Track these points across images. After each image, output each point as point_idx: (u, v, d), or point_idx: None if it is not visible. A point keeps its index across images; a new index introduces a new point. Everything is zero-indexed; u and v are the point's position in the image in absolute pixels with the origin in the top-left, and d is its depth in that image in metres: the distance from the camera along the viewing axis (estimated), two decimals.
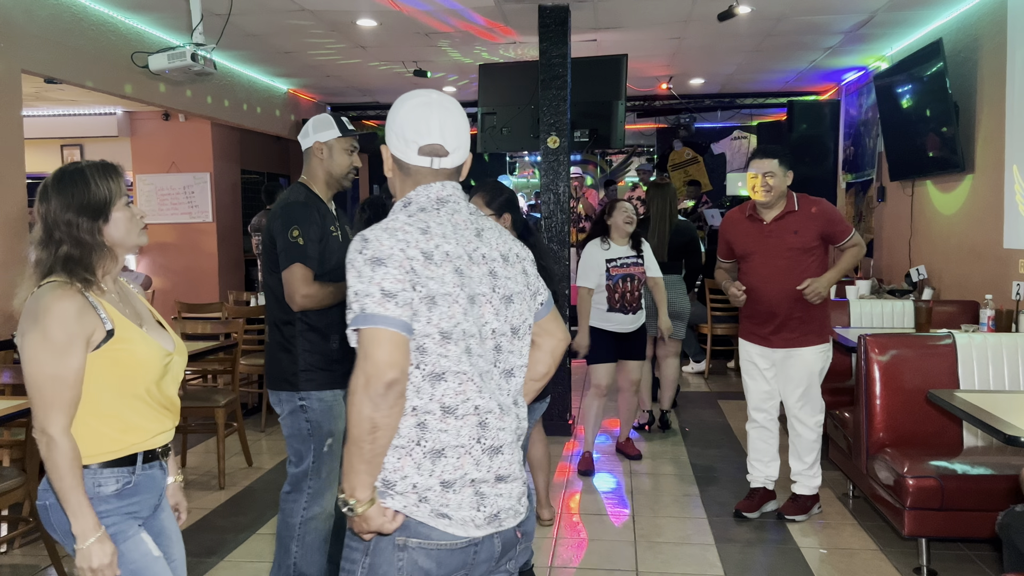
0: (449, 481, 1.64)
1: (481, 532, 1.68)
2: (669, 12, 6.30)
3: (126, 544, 1.99)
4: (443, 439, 1.64)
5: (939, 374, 3.95)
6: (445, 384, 1.64)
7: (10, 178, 5.17)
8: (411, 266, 1.61)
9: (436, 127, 1.72)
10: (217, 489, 4.82)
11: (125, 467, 2.01)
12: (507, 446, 1.72)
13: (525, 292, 1.80)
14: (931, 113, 6.11)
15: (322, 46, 7.25)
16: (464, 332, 1.65)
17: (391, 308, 1.57)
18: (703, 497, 4.58)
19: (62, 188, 1.98)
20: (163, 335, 2.14)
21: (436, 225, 1.68)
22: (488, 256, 1.73)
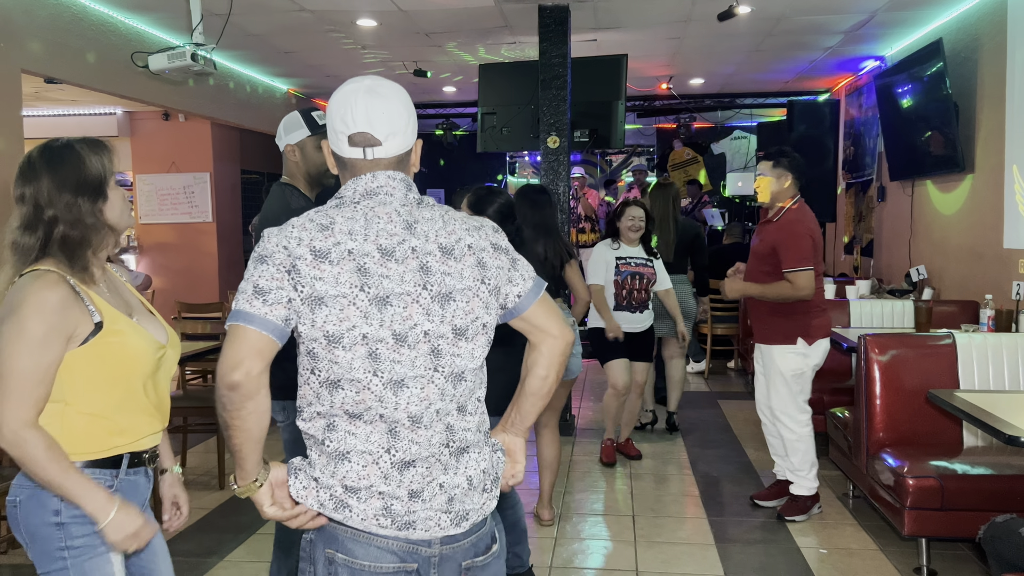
0: (353, 488, 1.55)
1: (385, 532, 1.55)
2: (669, 12, 6.30)
3: (91, 561, 1.84)
4: (350, 442, 1.55)
5: (939, 374, 3.95)
6: (343, 392, 1.54)
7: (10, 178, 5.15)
8: (294, 265, 1.51)
9: (362, 114, 1.57)
10: (217, 489, 4.81)
11: (109, 469, 1.88)
12: (422, 461, 1.56)
13: (476, 287, 1.60)
14: (931, 113, 6.11)
15: (322, 46, 7.25)
16: (364, 336, 1.52)
17: (258, 306, 1.49)
18: (703, 497, 4.58)
19: (54, 165, 1.84)
20: (156, 325, 2.03)
21: (343, 220, 1.55)
22: (420, 249, 1.56)
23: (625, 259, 4.92)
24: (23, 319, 1.74)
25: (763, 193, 4.09)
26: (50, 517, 1.83)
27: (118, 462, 1.89)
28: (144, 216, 9.29)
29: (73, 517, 1.83)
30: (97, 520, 1.79)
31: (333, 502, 1.55)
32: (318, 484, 1.57)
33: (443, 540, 1.59)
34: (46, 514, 1.83)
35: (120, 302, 1.95)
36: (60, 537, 1.84)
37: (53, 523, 1.83)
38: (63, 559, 1.84)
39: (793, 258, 3.92)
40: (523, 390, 1.75)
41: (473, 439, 1.64)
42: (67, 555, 1.84)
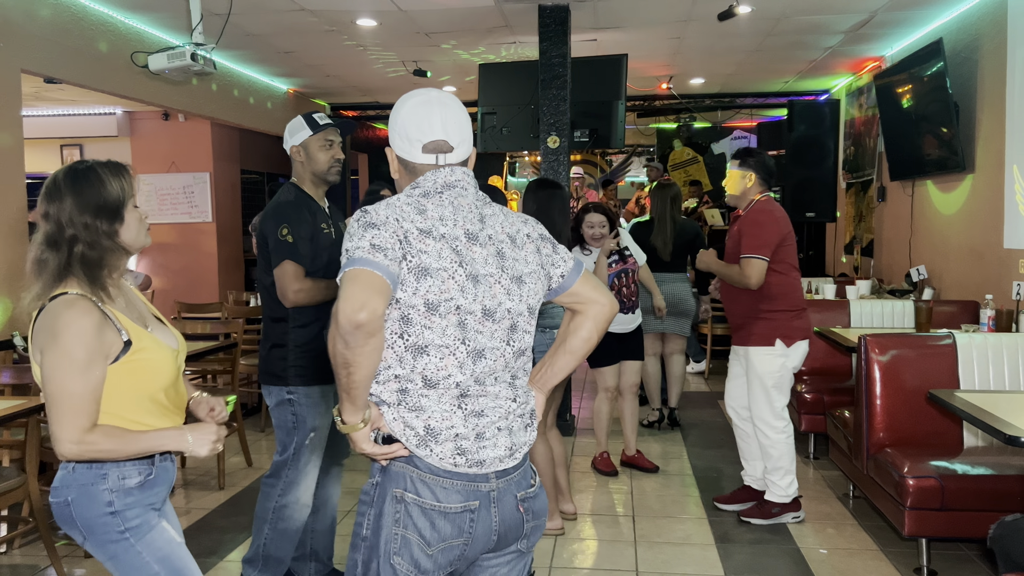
0: (434, 429, 1.69)
1: (459, 469, 1.70)
2: (669, 12, 6.30)
3: (152, 533, 2.04)
4: (423, 403, 1.69)
5: (939, 374, 3.95)
6: (427, 358, 1.67)
7: (10, 178, 5.17)
8: (405, 235, 1.64)
9: (439, 123, 1.75)
10: (217, 489, 4.81)
11: (145, 460, 2.05)
12: (490, 410, 1.74)
13: (538, 271, 1.82)
14: (931, 113, 6.11)
15: (322, 46, 7.25)
16: (458, 308, 1.67)
17: (380, 257, 1.60)
18: (703, 497, 4.58)
19: (77, 187, 1.96)
20: (166, 332, 2.17)
21: (434, 207, 1.71)
22: (495, 237, 1.75)
23: (614, 258, 4.82)
24: (67, 347, 1.88)
25: (731, 188, 4.17)
26: (104, 509, 1.99)
27: (152, 455, 2.06)
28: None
29: (125, 504, 2.01)
30: (183, 450, 2.02)
31: (416, 439, 1.69)
32: (404, 424, 1.70)
33: (498, 474, 1.76)
34: (100, 507, 1.99)
35: (136, 315, 2.09)
36: (118, 523, 2.00)
37: (108, 513, 2.00)
38: (127, 539, 2.01)
39: (749, 244, 3.93)
40: (563, 348, 1.91)
41: (525, 392, 1.84)
42: (129, 535, 2.01)
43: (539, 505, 1.84)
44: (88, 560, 3.80)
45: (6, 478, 3.52)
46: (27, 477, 3.55)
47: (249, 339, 6.27)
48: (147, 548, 2.03)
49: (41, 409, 3.44)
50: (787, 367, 4.03)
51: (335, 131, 3.15)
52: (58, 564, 3.53)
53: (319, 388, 3.12)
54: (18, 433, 3.88)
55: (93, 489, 1.98)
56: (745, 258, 3.93)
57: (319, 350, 3.08)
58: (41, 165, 9.43)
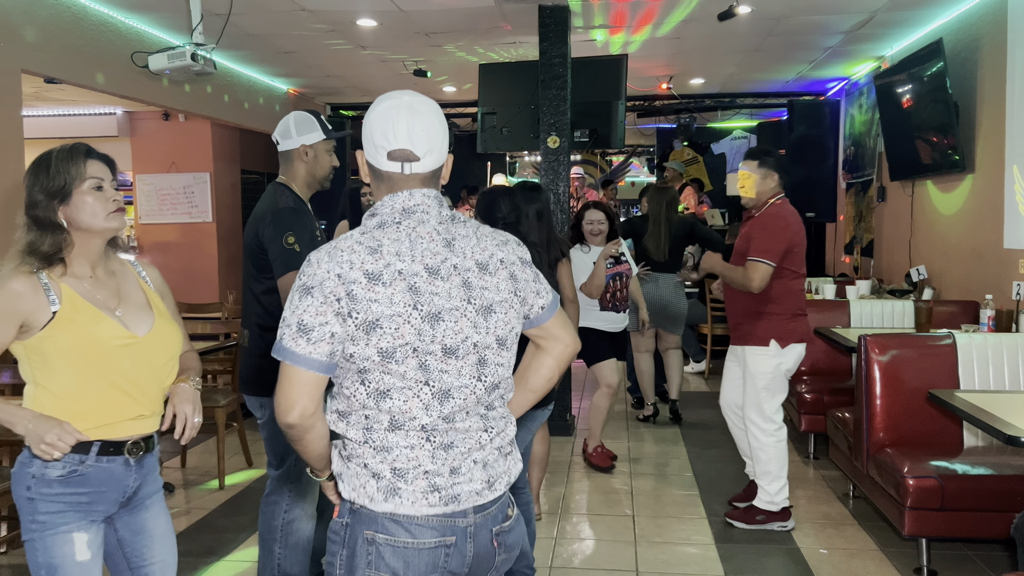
0: (401, 470, 1.63)
1: (434, 511, 1.63)
2: (669, 12, 6.29)
3: (54, 538, 1.99)
4: (391, 439, 1.63)
5: (939, 374, 3.95)
6: (391, 401, 1.61)
7: (10, 178, 5.16)
8: (347, 291, 1.56)
9: (404, 131, 1.65)
10: (217, 489, 4.81)
11: (76, 454, 2.00)
12: (460, 442, 1.67)
13: (511, 299, 1.71)
14: (931, 113, 6.11)
15: (322, 46, 7.26)
16: (416, 350, 1.60)
17: (303, 345, 1.57)
18: (703, 497, 4.58)
19: (30, 172, 2.06)
20: (140, 320, 2.12)
21: (390, 242, 1.62)
22: (460, 267, 1.65)
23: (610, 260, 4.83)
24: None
25: (748, 190, 4.08)
26: (24, 491, 2.01)
27: (87, 448, 2.01)
28: (144, 216, 9.29)
29: (40, 494, 1.99)
30: (17, 432, 1.95)
31: (382, 493, 1.63)
32: (368, 470, 1.64)
33: (476, 509, 1.69)
34: (22, 488, 2.01)
35: (106, 294, 2.08)
36: (30, 510, 2.01)
37: (26, 497, 2.01)
38: (31, 531, 2.01)
39: (758, 248, 3.90)
40: (524, 385, 1.87)
41: (502, 420, 1.77)
42: (35, 528, 2.01)
43: (513, 538, 1.78)
44: None
45: (6, 478, 3.52)
46: None
47: None
48: (43, 549, 2.00)
49: None
50: (780, 369, 4.01)
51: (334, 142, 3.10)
52: None
53: None
54: None
55: (23, 469, 2.02)
56: (752, 261, 3.90)
57: None
58: None
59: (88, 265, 2.08)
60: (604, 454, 5.11)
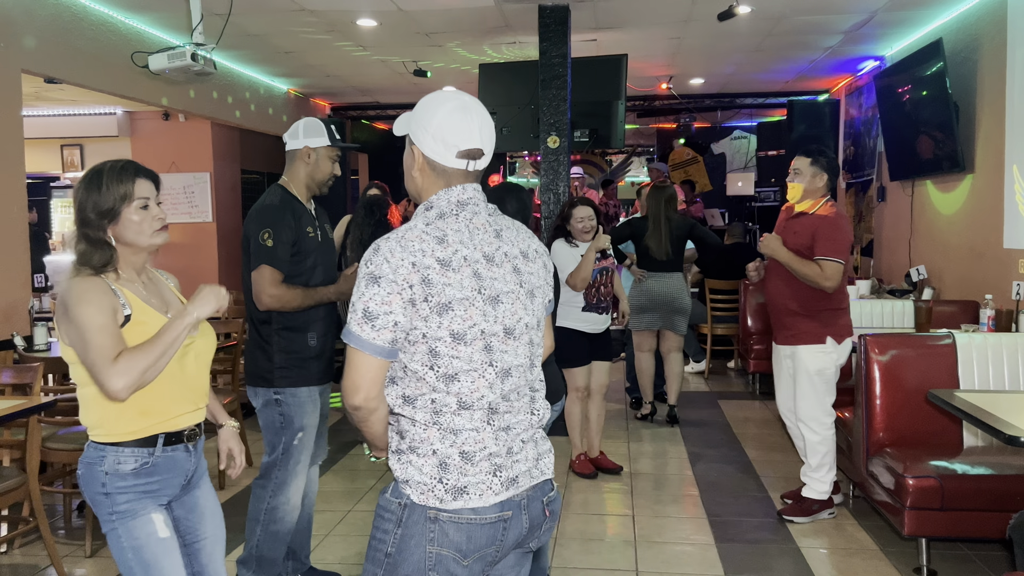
0: (468, 453, 1.71)
1: (499, 497, 1.73)
2: (669, 12, 6.30)
3: (134, 522, 2.14)
4: (458, 422, 1.72)
5: (939, 374, 3.95)
6: (459, 384, 1.71)
7: (10, 178, 5.17)
8: (422, 277, 1.66)
9: (477, 131, 1.77)
10: (217, 489, 4.81)
11: (145, 447, 2.16)
12: (515, 424, 1.79)
13: (545, 286, 1.88)
14: (931, 113, 6.11)
15: (322, 46, 7.26)
16: (483, 332, 1.71)
17: (367, 331, 1.66)
18: (703, 497, 4.58)
19: (82, 188, 2.16)
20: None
21: (453, 232, 1.73)
22: (510, 254, 1.80)
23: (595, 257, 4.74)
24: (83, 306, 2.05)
25: (796, 189, 4.06)
26: (99, 488, 2.14)
27: (154, 441, 2.17)
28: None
29: (117, 488, 2.13)
30: (191, 322, 2.13)
31: (451, 493, 1.70)
32: (436, 455, 1.71)
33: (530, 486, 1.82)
34: (96, 485, 2.14)
35: (158, 301, 2.25)
36: (108, 504, 2.14)
37: (102, 493, 2.14)
38: (112, 522, 2.15)
39: (830, 248, 3.93)
40: None
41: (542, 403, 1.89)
42: (115, 519, 2.14)
43: (558, 505, 1.92)
44: (88, 560, 3.80)
45: (6, 478, 3.52)
46: (27, 477, 3.55)
47: None
48: (127, 534, 2.13)
49: (41, 409, 3.44)
50: (837, 364, 4.07)
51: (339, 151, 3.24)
52: (58, 564, 3.53)
53: (306, 389, 3.14)
54: (18, 433, 3.88)
55: (94, 468, 2.14)
56: (828, 260, 3.91)
57: (304, 353, 3.12)
58: (41, 165, 9.44)
59: (134, 272, 2.23)
60: (584, 462, 5.04)
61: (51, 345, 4.97)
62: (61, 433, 4.10)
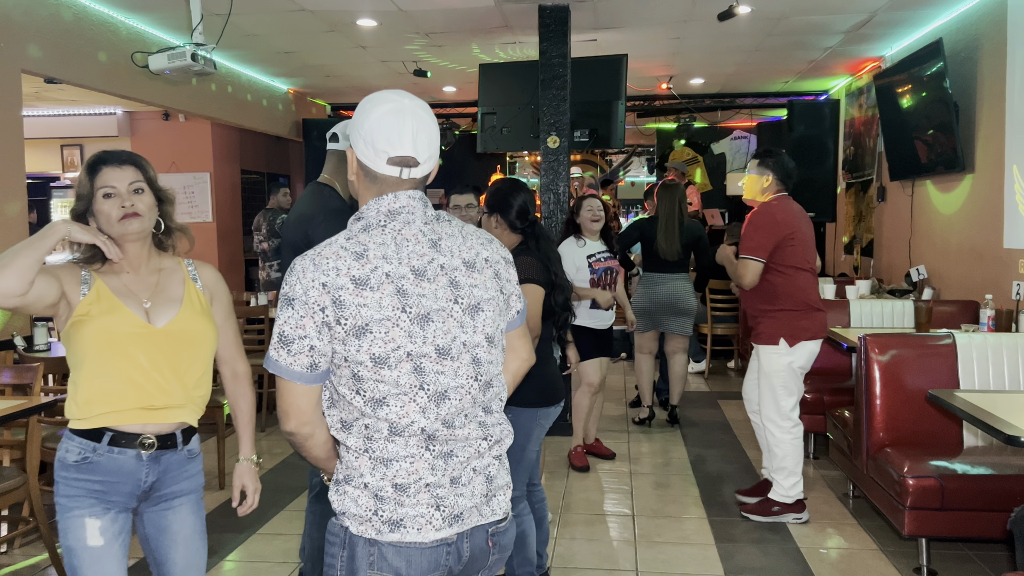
0: (403, 485, 1.62)
1: (441, 533, 1.63)
2: (669, 12, 6.30)
3: (69, 521, 2.07)
4: (391, 450, 1.62)
5: (939, 374, 3.95)
6: (388, 408, 1.61)
7: (10, 178, 5.17)
8: (333, 299, 1.57)
9: (408, 138, 1.64)
10: (217, 489, 4.81)
11: (90, 440, 2.07)
12: (460, 450, 1.67)
13: (497, 298, 1.72)
14: (931, 113, 6.11)
15: (322, 46, 7.26)
16: (410, 353, 1.60)
17: (284, 356, 1.60)
18: (703, 497, 4.58)
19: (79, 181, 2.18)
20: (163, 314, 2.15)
21: (376, 246, 1.61)
22: (448, 266, 1.65)
23: (594, 255, 4.81)
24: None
25: (747, 190, 4.19)
26: (55, 473, 2.12)
27: (99, 436, 2.08)
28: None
29: (62, 477, 2.08)
30: (62, 235, 2.06)
31: (388, 525, 1.62)
32: (368, 490, 1.63)
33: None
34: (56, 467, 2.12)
35: (143, 288, 2.15)
36: (56, 492, 2.10)
37: (55, 479, 2.11)
38: (57, 511, 2.10)
39: (745, 245, 4.02)
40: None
41: (501, 431, 1.76)
42: (57, 508, 2.10)
43: (507, 539, 1.77)
44: None
45: (6, 478, 3.52)
46: (27, 477, 3.55)
47: (249, 339, 6.27)
48: (62, 532, 2.08)
49: (41, 409, 3.44)
50: (793, 367, 4.05)
51: None
52: (58, 564, 3.53)
53: None
54: (18, 433, 3.89)
55: (59, 449, 2.13)
56: (740, 259, 4.03)
57: None
58: (41, 165, 9.44)
59: (128, 263, 2.17)
60: (581, 454, 5.10)
61: (51, 345, 4.97)
62: (61, 433, 4.10)
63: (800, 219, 4.08)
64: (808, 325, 4.04)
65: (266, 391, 6.19)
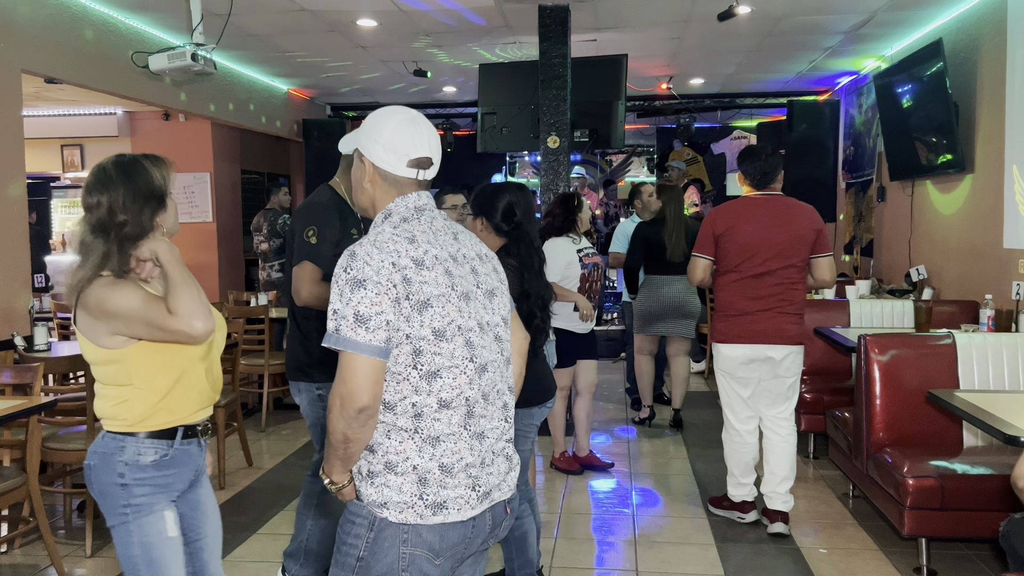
0: (447, 465, 1.73)
1: (476, 511, 1.77)
2: (669, 12, 6.30)
3: (147, 518, 2.15)
4: (437, 428, 1.73)
5: (939, 374, 3.95)
6: (441, 381, 1.73)
7: (10, 178, 5.16)
8: (403, 276, 1.69)
9: (426, 141, 1.84)
10: (217, 489, 4.82)
11: (165, 439, 2.18)
12: (489, 431, 1.82)
13: (501, 286, 1.93)
14: (931, 113, 6.11)
15: (322, 46, 7.26)
16: (460, 327, 1.75)
17: (362, 333, 1.66)
18: (703, 497, 4.58)
19: (128, 177, 2.16)
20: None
21: (420, 233, 1.78)
22: (468, 256, 1.86)
23: (583, 250, 4.70)
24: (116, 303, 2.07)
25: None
26: (116, 479, 2.14)
27: (173, 434, 2.20)
28: None
29: (136, 479, 2.14)
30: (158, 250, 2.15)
31: (431, 508, 1.72)
32: (416, 471, 1.72)
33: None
34: (113, 476, 2.14)
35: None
36: (124, 496, 2.14)
37: (119, 484, 2.14)
38: (125, 515, 2.14)
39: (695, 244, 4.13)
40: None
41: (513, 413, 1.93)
42: (128, 512, 2.14)
43: (516, 503, 1.93)
44: (89, 560, 3.81)
45: (6, 478, 3.52)
46: (28, 477, 3.55)
47: (249, 339, 6.27)
48: (138, 530, 2.13)
49: (41, 409, 3.44)
50: (720, 368, 4.05)
51: None
52: (58, 564, 3.54)
53: None
54: (19, 433, 3.89)
55: (111, 459, 2.14)
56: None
57: None
58: (41, 165, 9.44)
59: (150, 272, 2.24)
60: (567, 459, 5.06)
61: (51, 345, 4.97)
62: (61, 433, 4.10)
63: (743, 219, 3.93)
64: (728, 328, 3.96)
65: (267, 391, 6.19)
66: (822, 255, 3.96)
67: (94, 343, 2.14)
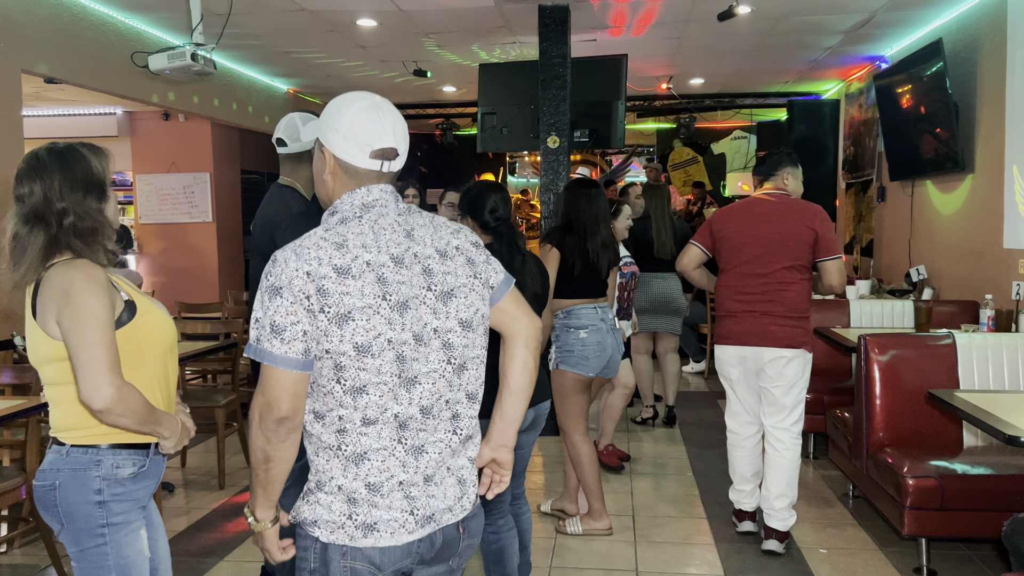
0: (375, 484, 1.64)
1: (414, 536, 1.66)
2: (669, 12, 6.30)
3: (126, 537, 1.99)
4: (364, 443, 1.64)
5: (939, 374, 3.95)
6: (367, 397, 1.62)
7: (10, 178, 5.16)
8: (318, 287, 1.57)
9: (390, 129, 1.69)
10: (217, 489, 4.81)
11: (141, 451, 2.02)
12: (431, 446, 1.69)
13: (471, 283, 1.74)
14: (931, 113, 6.11)
15: (322, 46, 7.26)
16: (391, 341, 1.62)
17: (278, 345, 1.57)
18: (703, 497, 4.58)
19: (64, 164, 1.98)
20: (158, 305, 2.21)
21: (354, 236, 1.64)
22: (421, 255, 1.69)
23: (622, 260, 4.77)
24: (83, 302, 1.87)
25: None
26: (92, 496, 1.95)
27: (147, 445, 2.04)
28: (144, 216, 9.29)
29: (114, 495, 1.97)
30: (165, 439, 2.03)
31: (360, 530, 1.64)
32: (342, 491, 1.64)
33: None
34: (88, 493, 1.95)
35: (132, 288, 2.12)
36: (102, 515, 1.96)
37: (95, 502, 1.95)
38: (103, 535, 1.96)
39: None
40: (505, 388, 1.86)
41: (474, 427, 1.79)
42: (107, 531, 1.96)
43: (476, 525, 1.81)
44: None
45: (6, 478, 3.52)
46: (27, 477, 3.55)
47: None
48: (116, 551, 1.97)
49: (41, 409, 3.44)
50: (720, 371, 3.99)
51: None
52: (58, 564, 3.53)
53: None
54: (18, 433, 3.88)
55: (85, 475, 1.95)
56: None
57: None
58: None
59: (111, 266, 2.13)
60: (613, 453, 5.11)
61: None
62: None
63: (735, 215, 3.91)
64: (717, 329, 3.99)
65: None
66: (827, 258, 3.80)
67: (51, 335, 1.93)
